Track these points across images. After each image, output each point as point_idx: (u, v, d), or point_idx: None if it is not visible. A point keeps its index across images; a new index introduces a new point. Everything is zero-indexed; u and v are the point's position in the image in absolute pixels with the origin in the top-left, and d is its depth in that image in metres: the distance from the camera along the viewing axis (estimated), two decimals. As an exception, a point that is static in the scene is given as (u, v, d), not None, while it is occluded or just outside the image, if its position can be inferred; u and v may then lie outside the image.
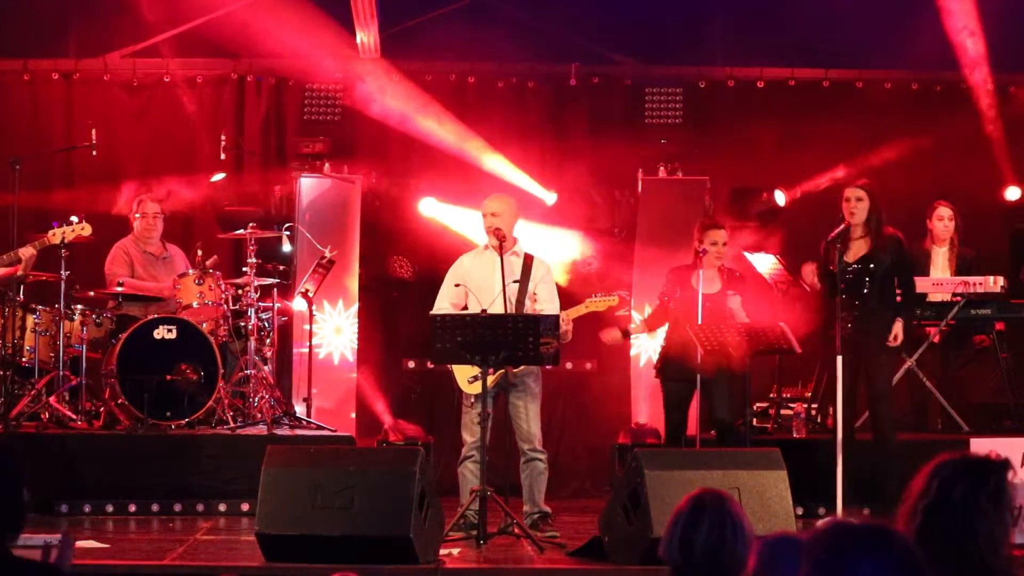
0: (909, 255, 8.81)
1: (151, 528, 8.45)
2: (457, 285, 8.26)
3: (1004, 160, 10.90)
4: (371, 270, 10.95)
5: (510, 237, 8.22)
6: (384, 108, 11.11)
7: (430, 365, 9.91)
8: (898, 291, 8.61)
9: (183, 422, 9.18)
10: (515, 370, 8.01)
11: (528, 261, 8.28)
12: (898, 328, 8.43)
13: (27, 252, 9.05)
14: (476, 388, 7.88)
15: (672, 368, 8.60)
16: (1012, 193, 10.83)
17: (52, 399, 9.20)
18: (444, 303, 8.28)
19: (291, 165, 10.63)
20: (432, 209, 10.74)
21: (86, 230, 9.25)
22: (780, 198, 10.68)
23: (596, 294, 8.46)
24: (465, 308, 8.17)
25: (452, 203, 10.78)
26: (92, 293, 9.78)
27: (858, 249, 8.51)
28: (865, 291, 8.45)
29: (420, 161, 11.13)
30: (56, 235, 9.10)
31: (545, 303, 8.19)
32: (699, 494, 3.39)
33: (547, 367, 8.18)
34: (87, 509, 8.70)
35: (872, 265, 8.45)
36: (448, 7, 10.95)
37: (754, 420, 9.15)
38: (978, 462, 3.14)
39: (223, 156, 10.52)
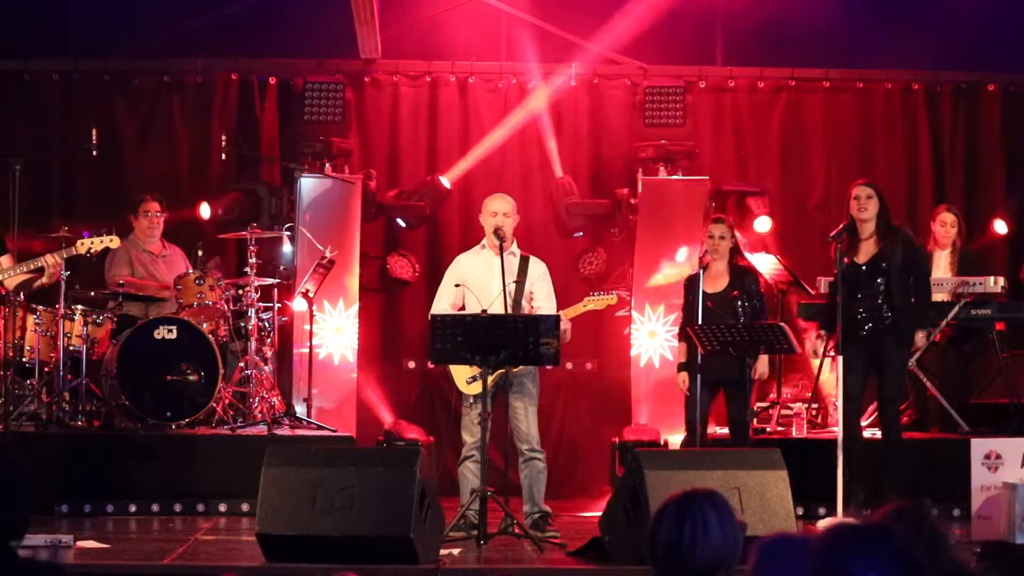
0: (919, 253, 8.76)
1: (151, 528, 8.45)
2: (457, 285, 8.26)
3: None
4: (371, 270, 10.95)
5: (510, 236, 8.23)
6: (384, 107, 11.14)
7: (430, 365, 9.91)
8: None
9: (183, 422, 9.18)
10: (513, 370, 8.01)
11: (525, 260, 8.28)
12: (920, 339, 8.45)
13: (51, 260, 8.98)
14: (474, 389, 7.89)
15: (686, 367, 8.58)
16: (1000, 227, 10.79)
17: (52, 399, 9.21)
18: (444, 303, 8.28)
19: (291, 165, 10.63)
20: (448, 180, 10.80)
21: (114, 242, 9.21)
22: (763, 224, 10.63)
23: (593, 292, 8.46)
24: (463, 308, 8.17)
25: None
26: (92, 293, 9.78)
27: (868, 249, 8.46)
28: (878, 292, 8.41)
29: (420, 160, 11.14)
30: (84, 245, 9.06)
31: (542, 301, 8.19)
32: (676, 493, 3.38)
33: (546, 367, 8.19)
34: (87, 509, 8.70)
35: (884, 264, 8.40)
36: (448, 7, 10.95)
37: (754, 420, 9.16)
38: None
39: (224, 156, 10.51)
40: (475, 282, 8.18)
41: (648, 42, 10.94)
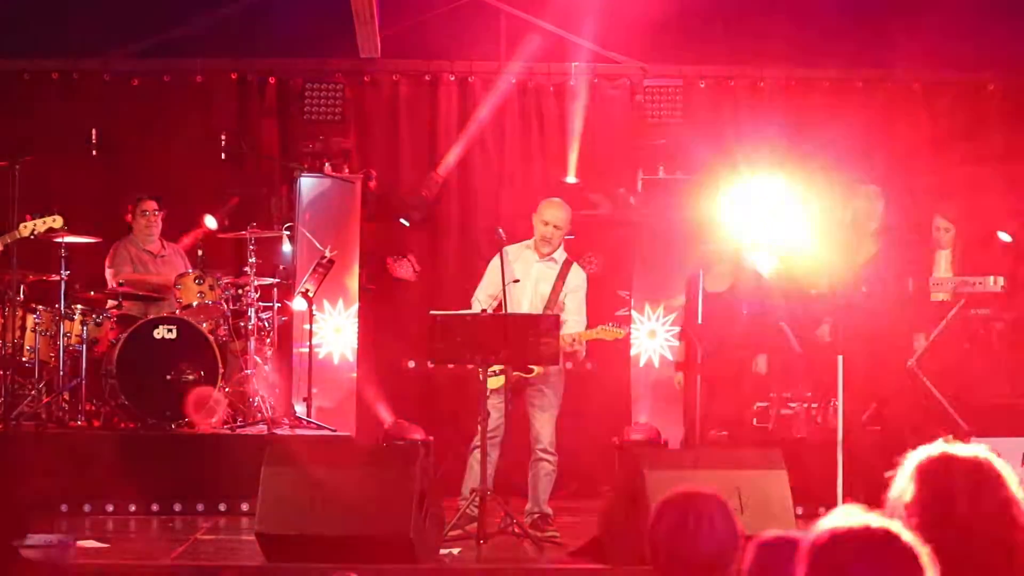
0: (912, 255, 8.78)
1: (151, 528, 8.45)
2: (516, 281, 8.19)
3: None
4: (371, 270, 10.95)
5: (556, 244, 8.24)
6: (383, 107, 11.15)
7: (430, 365, 9.90)
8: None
9: (183, 422, 9.18)
10: (528, 375, 8.00)
11: (565, 269, 8.26)
12: (919, 342, 8.45)
13: None
14: (493, 382, 7.88)
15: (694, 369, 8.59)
16: (1004, 237, 10.77)
17: (52, 399, 9.21)
18: (481, 293, 8.30)
19: (291, 165, 10.63)
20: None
21: (57, 222, 9.11)
22: (756, 211, 10.60)
23: (609, 324, 8.42)
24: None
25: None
26: (92, 293, 9.78)
27: (865, 251, 8.49)
28: (871, 292, 8.43)
29: (420, 160, 11.14)
30: (27, 228, 9.02)
31: (571, 314, 8.15)
32: (678, 490, 3.37)
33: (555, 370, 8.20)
34: (87, 509, 8.70)
35: (881, 267, 8.44)
36: (448, 7, 10.95)
37: (754, 420, 9.15)
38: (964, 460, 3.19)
39: (224, 156, 10.52)
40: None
41: (648, 41, 10.93)
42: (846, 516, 2.71)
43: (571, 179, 10.80)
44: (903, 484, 3.18)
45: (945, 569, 2.69)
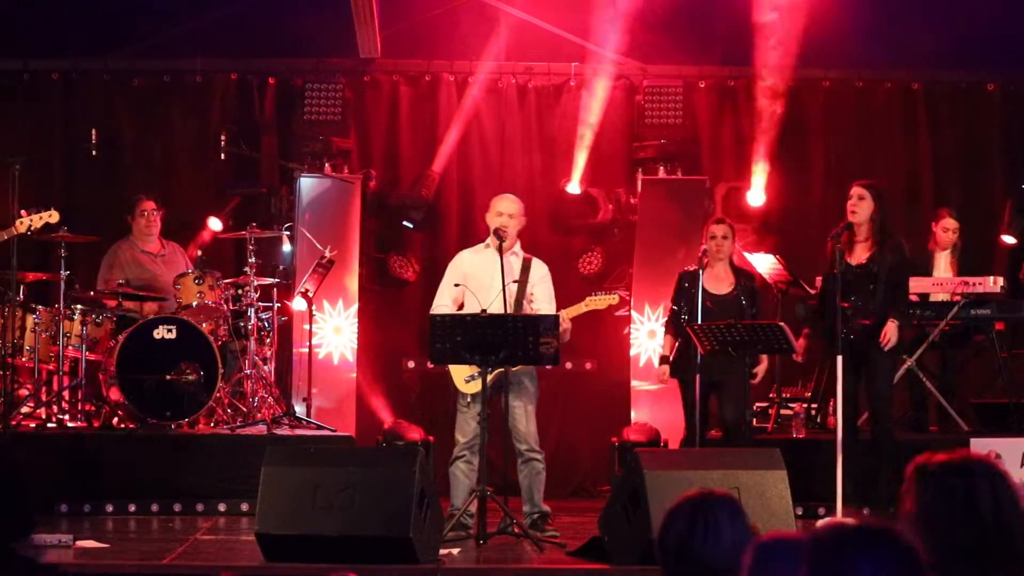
0: (910, 262, 8.76)
1: (151, 528, 8.46)
2: (457, 285, 8.26)
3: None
4: (371, 270, 10.96)
5: (513, 237, 8.24)
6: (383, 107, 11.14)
7: (430, 365, 9.91)
8: None
9: (183, 422, 9.18)
10: (512, 369, 8.00)
11: (527, 262, 8.29)
12: (890, 329, 8.34)
13: None
14: (472, 388, 7.89)
15: (684, 368, 8.58)
16: (1008, 240, 10.76)
17: (52, 399, 9.21)
18: (445, 299, 8.29)
19: (291, 165, 10.63)
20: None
21: (53, 217, 9.13)
22: (756, 198, 10.63)
23: (595, 292, 8.46)
24: (463, 306, 8.17)
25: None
26: (92, 293, 9.78)
27: (861, 252, 8.48)
28: (868, 295, 8.42)
29: (419, 160, 11.14)
30: (23, 223, 9.03)
31: (542, 304, 8.19)
32: (689, 493, 3.37)
33: (545, 367, 8.19)
34: (87, 509, 8.70)
35: (875, 269, 8.42)
36: (448, 7, 10.95)
37: (754, 420, 9.15)
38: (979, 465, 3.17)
39: (224, 156, 10.52)
40: (475, 280, 8.18)
41: (648, 42, 10.92)
42: (846, 516, 2.72)
43: (574, 188, 10.78)
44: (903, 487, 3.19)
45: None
